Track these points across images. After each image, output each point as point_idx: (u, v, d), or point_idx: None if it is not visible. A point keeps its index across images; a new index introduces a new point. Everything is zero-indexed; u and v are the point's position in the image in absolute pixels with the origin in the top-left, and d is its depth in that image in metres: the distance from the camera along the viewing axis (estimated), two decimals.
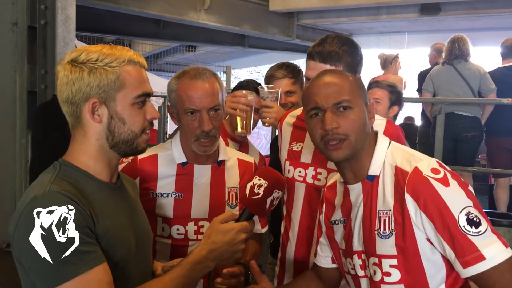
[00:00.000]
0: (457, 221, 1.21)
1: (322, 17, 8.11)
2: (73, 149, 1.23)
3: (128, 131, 1.21)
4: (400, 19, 7.66)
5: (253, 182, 1.29)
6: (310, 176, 1.79)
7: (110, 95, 1.18)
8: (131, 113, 1.21)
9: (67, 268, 1.05)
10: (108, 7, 6.23)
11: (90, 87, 1.17)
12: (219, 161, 1.75)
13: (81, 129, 1.21)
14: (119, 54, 1.20)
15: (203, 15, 7.11)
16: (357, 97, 1.36)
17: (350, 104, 1.33)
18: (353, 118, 1.33)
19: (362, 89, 1.40)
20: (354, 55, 1.69)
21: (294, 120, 1.91)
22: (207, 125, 1.62)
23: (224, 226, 1.23)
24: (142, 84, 1.22)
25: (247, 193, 1.28)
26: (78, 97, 1.18)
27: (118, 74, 1.18)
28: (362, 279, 1.39)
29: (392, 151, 1.37)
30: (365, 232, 1.36)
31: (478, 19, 7.44)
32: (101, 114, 1.19)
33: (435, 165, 1.29)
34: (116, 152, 1.23)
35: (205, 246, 1.22)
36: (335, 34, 1.75)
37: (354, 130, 1.32)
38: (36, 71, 3.89)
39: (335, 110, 1.33)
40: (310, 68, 1.70)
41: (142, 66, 1.24)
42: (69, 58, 1.20)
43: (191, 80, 1.64)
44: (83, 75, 1.17)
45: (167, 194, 1.69)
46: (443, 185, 1.24)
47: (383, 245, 1.30)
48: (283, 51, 10.02)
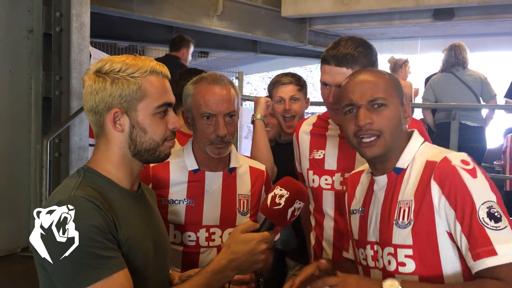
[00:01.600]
0: (477, 212, 1.20)
1: (334, 23, 8.10)
2: (97, 156, 1.25)
3: (149, 140, 1.23)
4: (413, 24, 7.63)
5: (274, 192, 1.27)
6: (338, 183, 1.77)
7: (131, 105, 1.20)
8: (152, 123, 1.22)
9: (89, 272, 1.07)
10: (121, 14, 6.29)
11: (112, 97, 1.19)
12: (230, 168, 1.76)
13: (104, 137, 1.24)
14: (142, 65, 1.22)
15: (216, 21, 7.15)
16: (393, 95, 1.36)
17: (385, 101, 1.34)
18: (387, 116, 1.33)
19: (398, 87, 1.40)
20: (369, 56, 1.68)
21: (311, 128, 1.90)
22: (222, 130, 1.62)
23: (245, 236, 1.22)
24: (164, 94, 1.24)
25: (268, 203, 1.26)
26: (101, 107, 1.21)
27: (140, 85, 1.20)
28: (372, 270, 1.39)
29: (425, 148, 1.38)
30: (383, 222, 1.36)
31: (492, 24, 7.38)
32: (122, 124, 1.21)
33: (465, 157, 1.29)
34: (138, 160, 1.25)
35: (226, 255, 1.21)
36: (348, 37, 1.72)
37: (388, 128, 1.33)
38: (51, 77, 3.94)
39: (370, 107, 1.34)
40: (325, 72, 1.69)
41: (165, 76, 1.26)
42: (94, 68, 1.22)
43: (209, 85, 1.65)
44: (106, 85, 1.20)
45: (179, 201, 1.70)
46: (471, 176, 1.24)
47: (400, 235, 1.30)
48: (295, 56, 10.02)
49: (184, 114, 1.74)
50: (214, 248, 1.69)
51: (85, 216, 1.09)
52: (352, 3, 7.26)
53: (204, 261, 1.64)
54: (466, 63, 4.58)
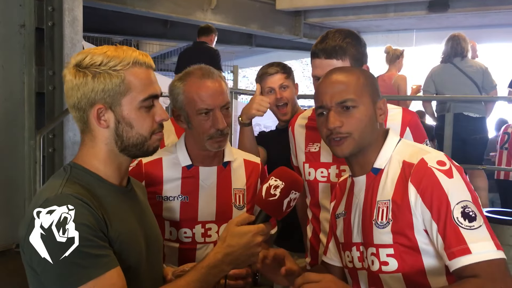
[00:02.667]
0: (452, 212, 1.21)
1: (330, 15, 8.08)
2: (83, 152, 1.21)
3: (136, 135, 1.19)
4: (408, 16, 7.62)
5: (269, 183, 1.25)
6: (334, 175, 1.77)
7: (115, 100, 1.16)
8: (138, 117, 1.18)
9: (80, 272, 1.04)
10: (115, 8, 6.25)
11: (94, 93, 1.15)
12: (224, 162, 1.74)
13: (90, 133, 1.20)
14: (124, 56, 1.16)
15: (210, 14, 7.11)
16: (364, 94, 1.36)
17: (354, 103, 1.34)
18: (357, 117, 1.34)
19: (370, 86, 1.39)
20: (358, 46, 1.68)
21: (306, 121, 1.89)
22: (222, 123, 1.61)
23: (240, 229, 1.20)
24: (149, 86, 1.19)
25: (263, 194, 1.24)
26: (84, 103, 1.16)
27: (123, 78, 1.15)
28: (360, 271, 1.39)
29: (402, 147, 1.38)
30: (364, 223, 1.37)
31: (487, 15, 7.38)
32: (107, 120, 1.17)
33: (442, 158, 1.29)
34: (126, 155, 1.22)
35: (221, 249, 1.19)
36: (335, 29, 1.73)
37: (358, 128, 1.34)
38: (44, 72, 3.91)
39: (340, 109, 1.34)
40: (316, 66, 1.69)
41: (149, 67, 1.21)
42: (74, 62, 1.17)
43: (201, 80, 1.62)
44: (87, 80, 1.14)
45: (173, 197, 1.68)
46: (446, 176, 1.25)
47: (380, 235, 1.31)
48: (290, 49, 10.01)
49: (175, 112, 1.70)
50: (211, 244, 1.68)
51: (75, 215, 1.06)
52: None
53: (201, 257, 1.60)
54: (465, 53, 4.54)
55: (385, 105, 1.41)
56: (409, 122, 1.72)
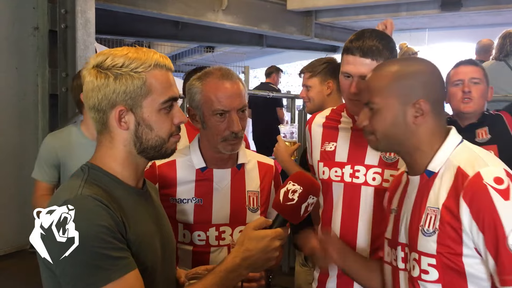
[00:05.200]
0: (507, 238, 1.16)
1: (341, 15, 8.04)
2: (101, 153, 1.21)
3: (155, 137, 1.19)
4: (421, 15, 7.56)
5: (287, 187, 1.24)
6: (347, 175, 1.75)
7: (136, 102, 1.16)
8: (158, 119, 1.18)
9: (100, 274, 1.04)
10: (126, 9, 6.28)
11: (116, 94, 1.14)
12: (238, 165, 1.73)
13: (108, 134, 1.19)
14: (145, 58, 1.16)
15: (221, 15, 7.12)
16: (391, 95, 1.32)
17: (377, 105, 1.34)
18: (379, 119, 1.33)
19: (403, 86, 1.32)
20: (391, 50, 1.67)
21: (323, 120, 1.87)
22: (237, 126, 1.60)
23: (258, 233, 1.19)
24: (169, 89, 1.19)
25: (281, 198, 1.23)
26: (104, 104, 1.16)
27: (145, 80, 1.15)
28: (401, 271, 1.37)
29: (461, 150, 1.31)
30: (411, 226, 1.33)
31: (499, 14, 7.30)
32: (128, 121, 1.17)
33: (501, 174, 1.20)
34: (144, 157, 1.22)
35: (239, 253, 1.18)
36: (371, 29, 1.71)
37: (381, 129, 1.33)
38: (57, 74, 3.95)
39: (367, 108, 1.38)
40: (349, 63, 1.66)
41: (168, 69, 1.21)
42: (94, 63, 1.17)
43: (220, 81, 1.62)
44: (109, 82, 1.14)
45: (187, 200, 1.67)
46: (502, 198, 1.17)
47: (425, 242, 1.27)
48: (301, 50, 9.99)
49: (191, 112, 1.69)
50: (225, 247, 1.67)
51: (94, 216, 1.06)
52: None
53: (215, 260, 1.62)
54: None
55: (425, 105, 1.30)
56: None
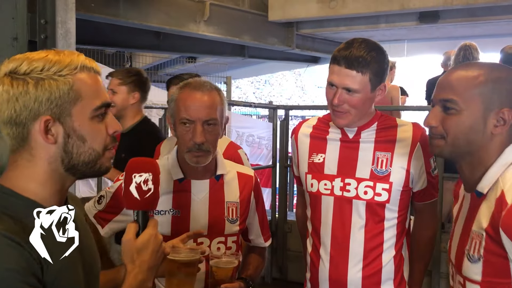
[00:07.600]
0: None
1: (322, 27, 8.15)
2: (15, 173, 1.01)
3: (89, 150, 1.02)
4: (399, 27, 7.70)
5: (135, 181, 1.15)
6: (338, 188, 1.71)
7: (64, 110, 0.99)
8: (91, 128, 1.02)
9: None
10: (108, 20, 6.26)
11: (38, 103, 0.97)
12: (217, 176, 1.72)
13: (26, 152, 1.00)
14: (69, 60, 1.00)
15: (203, 26, 7.15)
16: (473, 99, 1.23)
17: (456, 106, 1.24)
18: (457, 121, 1.24)
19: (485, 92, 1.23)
20: (381, 63, 1.62)
21: (310, 130, 1.83)
22: (199, 137, 1.57)
23: (142, 240, 1.12)
24: (100, 93, 1.04)
25: (137, 196, 1.14)
26: (24, 116, 0.97)
27: (71, 84, 0.99)
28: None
29: (510, 170, 1.20)
30: (459, 248, 1.28)
31: (477, 26, 7.47)
32: (55, 134, 0.99)
33: None
34: (72, 175, 1.04)
35: (137, 269, 1.11)
36: (362, 39, 1.63)
37: (454, 133, 1.24)
38: None
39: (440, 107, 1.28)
40: (334, 72, 1.61)
41: (96, 72, 1.06)
42: (6, 70, 0.99)
43: (192, 91, 1.62)
44: (28, 89, 0.96)
45: (164, 211, 1.65)
46: None
47: (469, 268, 1.22)
48: (283, 60, 10.07)
49: (168, 120, 1.70)
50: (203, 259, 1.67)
51: (1, 258, 0.89)
52: (339, 7, 7.30)
53: None
54: None
55: (510, 114, 1.19)
56: (420, 138, 1.68)
